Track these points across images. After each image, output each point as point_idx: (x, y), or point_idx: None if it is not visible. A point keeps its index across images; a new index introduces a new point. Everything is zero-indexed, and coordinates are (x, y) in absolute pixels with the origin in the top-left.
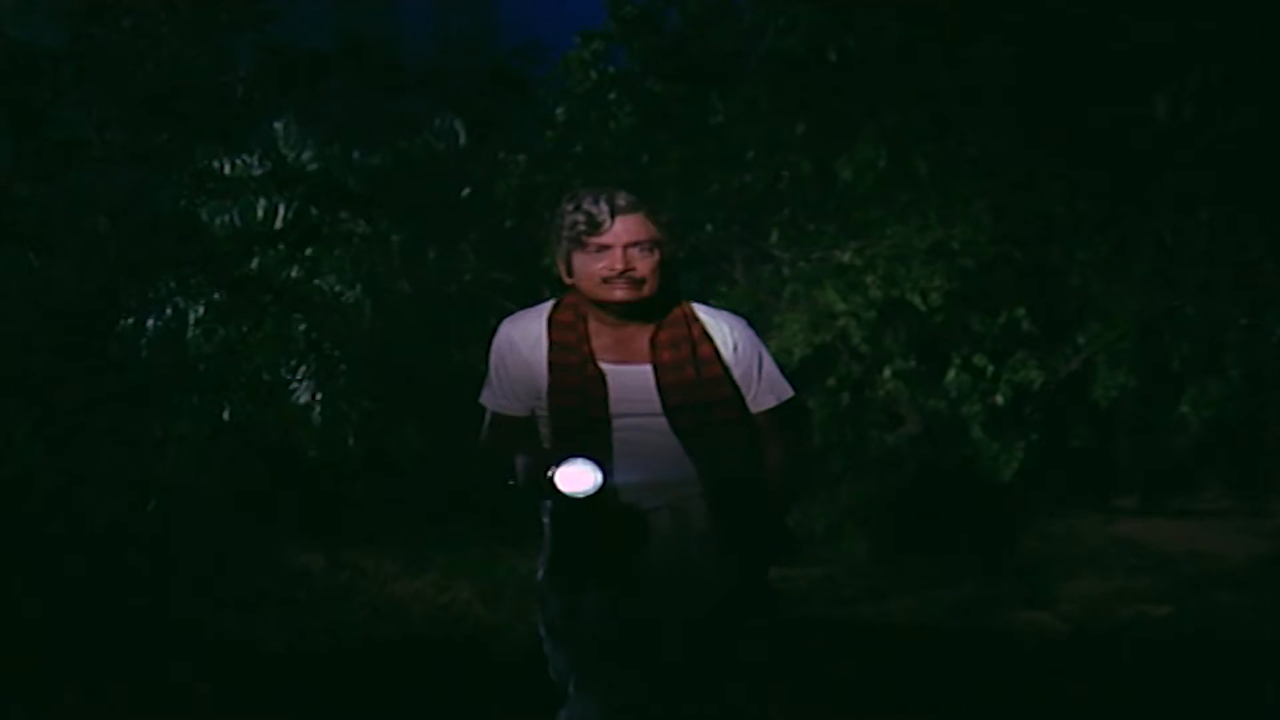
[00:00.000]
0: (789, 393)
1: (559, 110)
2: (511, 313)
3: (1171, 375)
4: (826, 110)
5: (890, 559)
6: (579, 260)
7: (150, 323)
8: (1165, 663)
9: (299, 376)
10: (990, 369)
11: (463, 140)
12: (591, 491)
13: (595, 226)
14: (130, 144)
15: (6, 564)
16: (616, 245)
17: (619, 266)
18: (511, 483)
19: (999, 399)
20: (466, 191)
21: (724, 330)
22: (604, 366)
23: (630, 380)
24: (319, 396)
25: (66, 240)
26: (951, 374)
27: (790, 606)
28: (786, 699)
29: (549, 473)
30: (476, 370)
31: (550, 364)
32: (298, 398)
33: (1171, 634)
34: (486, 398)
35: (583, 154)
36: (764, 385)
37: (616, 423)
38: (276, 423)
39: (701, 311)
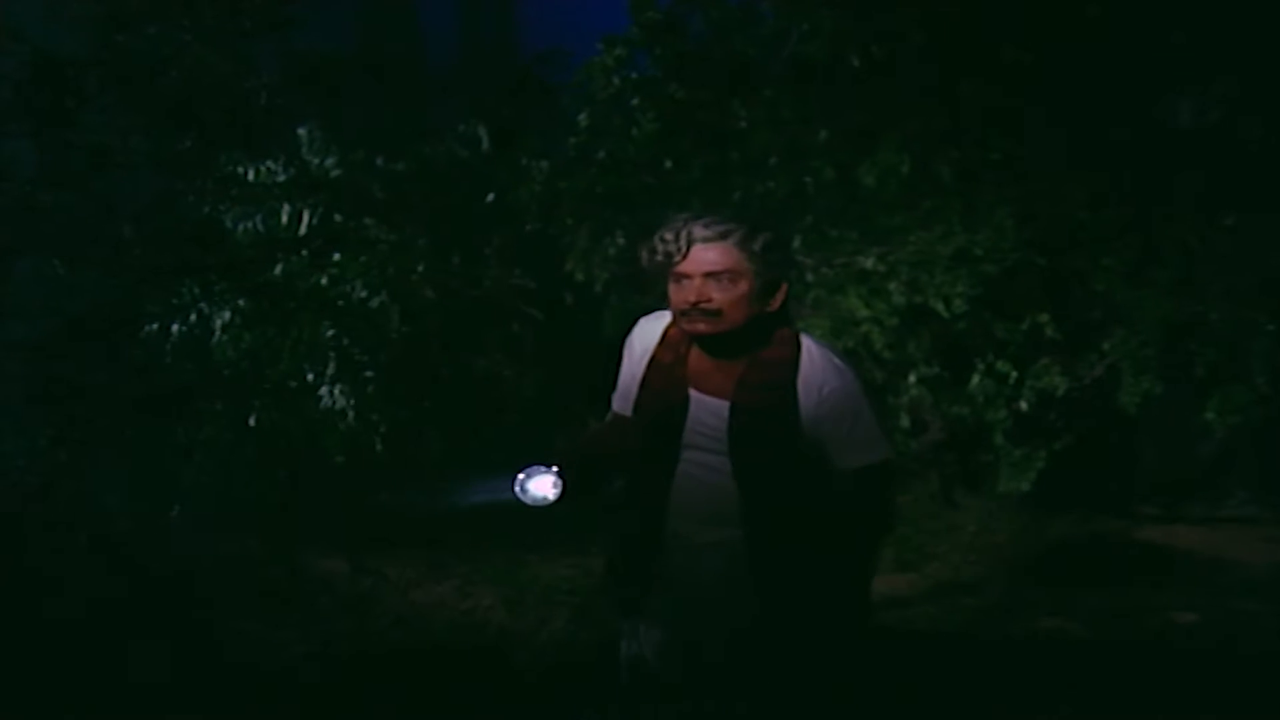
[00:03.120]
0: (880, 455)
1: (581, 116)
2: (537, 320)
3: (1196, 382)
4: (849, 116)
5: (912, 566)
6: (669, 289)
7: (174, 329)
8: (1189, 671)
9: (325, 382)
10: (1014, 375)
11: (485, 146)
12: (547, 502)
13: (670, 257)
14: (154, 151)
15: (31, 569)
16: (695, 275)
17: (692, 299)
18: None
19: (1023, 405)
20: (489, 197)
21: (818, 377)
22: (691, 394)
23: (709, 414)
24: (352, 402)
25: (91, 247)
26: (975, 380)
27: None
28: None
29: (517, 478)
30: (498, 376)
31: (643, 381)
32: (327, 404)
33: (1196, 642)
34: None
35: (605, 160)
36: (853, 442)
37: (685, 454)
38: (301, 429)
39: (812, 353)
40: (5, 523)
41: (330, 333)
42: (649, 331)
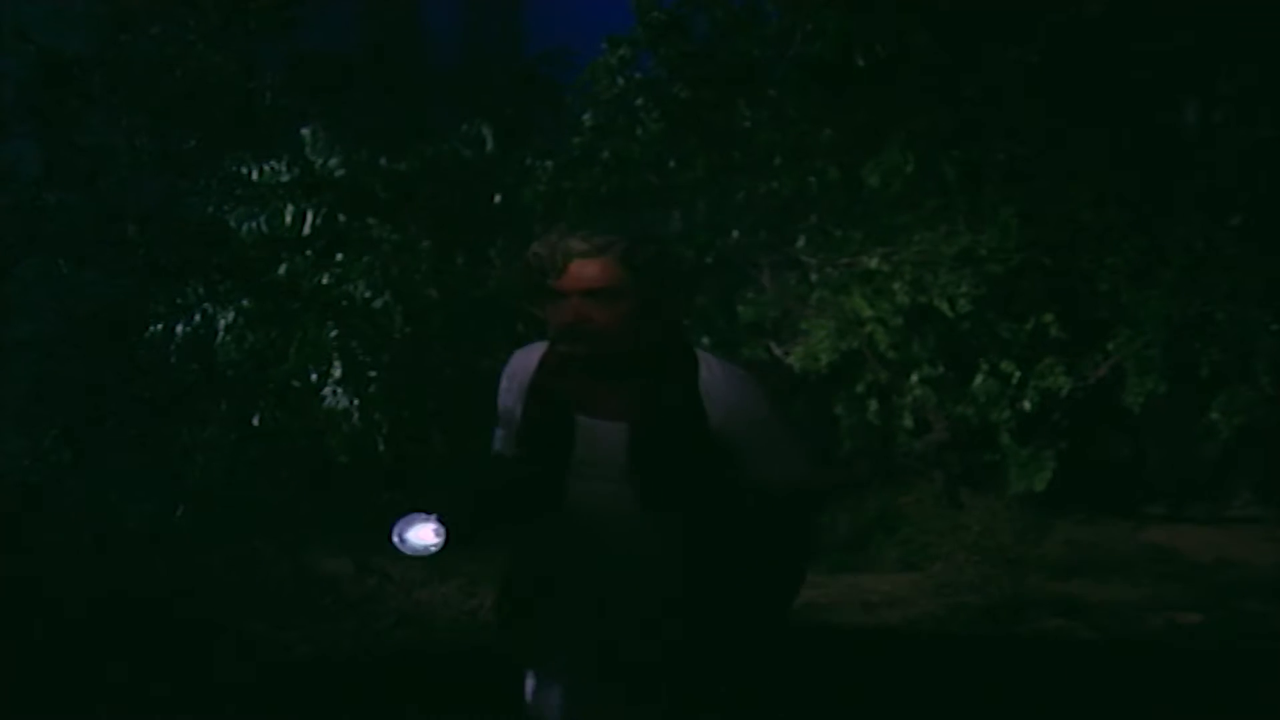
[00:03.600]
0: (801, 472)
1: (586, 116)
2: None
3: (1201, 382)
4: (854, 116)
5: (916, 566)
6: (546, 310)
7: (179, 329)
8: (1195, 671)
9: (329, 382)
10: (1018, 375)
11: (490, 146)
12: (429, 552)
13: (545, 274)
14: (158, 151)
15: (34, 568)
16: (572, 293)
17: (569, 319)
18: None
19: (1027, 405)
20: (495, 198)
21: (724, 388)
22: (579, 419)
23: (603, 436)
24: (356, 402)
25: (95, 247)
26: (979, 380)
27: (816, 614)
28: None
29: (396, 526)
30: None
31: (524, 410)
32: (330, 404)
33: (1201, 642)
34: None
35: (610, 160)
36: (768, 456)
37: (581, 486)
38: (305, 429)
39: (711, 366)
40: (9, 522)
41: (334, 333)
42: (524, 362)
